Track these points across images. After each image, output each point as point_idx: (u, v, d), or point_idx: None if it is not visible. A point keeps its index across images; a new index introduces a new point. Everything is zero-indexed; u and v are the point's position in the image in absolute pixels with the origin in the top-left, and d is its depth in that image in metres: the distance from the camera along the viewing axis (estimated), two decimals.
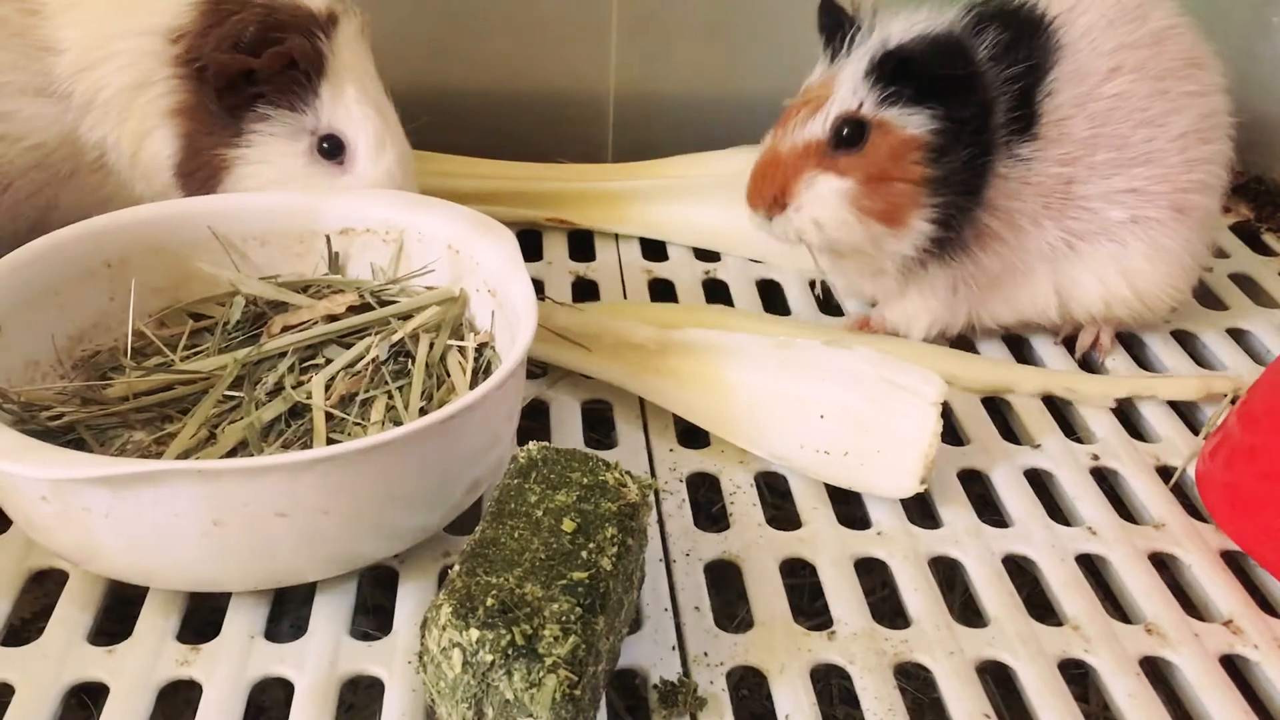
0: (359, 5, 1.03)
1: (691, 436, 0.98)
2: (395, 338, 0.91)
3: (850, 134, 0.97)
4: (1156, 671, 0.81)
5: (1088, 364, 1.11)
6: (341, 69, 0.99)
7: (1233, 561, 0.89)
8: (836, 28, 1.01)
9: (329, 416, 0.85)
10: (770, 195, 1.00)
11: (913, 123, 0.96)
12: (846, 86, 0.98)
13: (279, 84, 0.96)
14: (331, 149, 0.99)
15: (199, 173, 0.98)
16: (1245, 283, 1.26)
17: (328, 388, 0.87)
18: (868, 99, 0.97)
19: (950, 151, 0.97)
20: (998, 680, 0.80)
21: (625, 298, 1.17)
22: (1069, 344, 1.12)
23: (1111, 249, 1.04)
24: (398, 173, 1.02)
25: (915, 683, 0.81)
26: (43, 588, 0.83)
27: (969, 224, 1.00)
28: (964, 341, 1.12)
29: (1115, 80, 1.01)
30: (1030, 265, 1.05)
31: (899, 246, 1.00)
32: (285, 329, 0.93)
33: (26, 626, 0.81)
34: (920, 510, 0.90)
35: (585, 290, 1.19)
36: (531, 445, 0.77)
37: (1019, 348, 1.13)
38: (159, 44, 0.96)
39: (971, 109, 0.97)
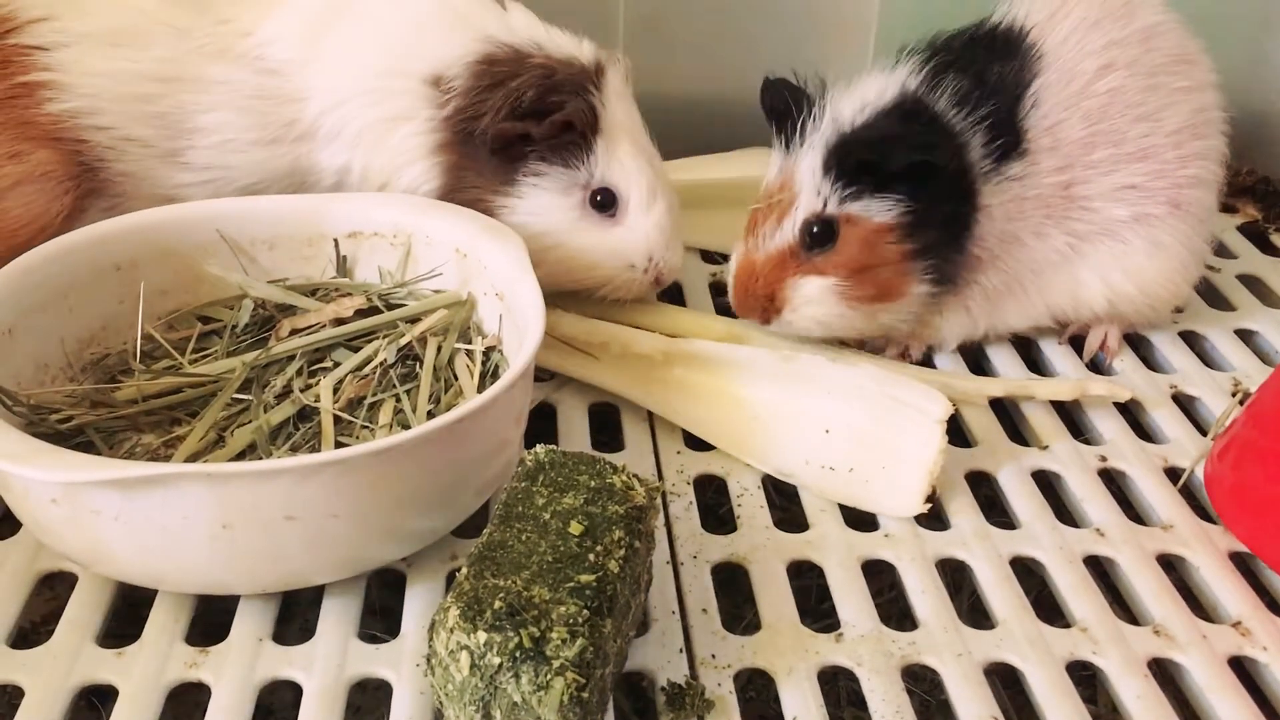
0: None
1: (698, 440, 0.98)
2: (403, 341, 0.91)
3: (820, 234, 0.96)
4: (1165, 673, 0.80)
5: (1095, 366, 1.11)
6: (614, 123, 1.01)
7: (1241, 563, 0.89)
8: (784, 110, 0.99)
9: (337, 420, 0.85)
10: (759, 304, 0.99)
11: (879, 210, 0.95)
12: (807, 187, 0.96)
13: (556, 144, 0.98)
14: (604, 202, 1.01)
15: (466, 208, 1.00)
16: (1253, 283, 1.25)
17: (336, 391, 0.87)
18: (830, 197, 0.96)
19: (927, 221, 0.96)
20: (1006, 682, 0.80)
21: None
22: (1075, 344, 1.12)
23: (1114, 247, 1.04)
24: (667, 223, 1.04)
25: (923, 685, 0.81)
26: (52, 590, 0.84)
27: (965, 264, 1.00)
28: (976, 350, 1.11)
29: (1108, 77, 1.01)
30: (1040, 273, 1.05)
31: (902, 313, 1.01)
32: (293, 332, 0.93)
33: (36, 629, 0.81)
34: (928, 512, 0.90)
35: None
36: (539, 448, 0.77)
37: (1028, 351, 1.13)
38: (417, 85, 0.98)
39: (940, 182, 0.95)
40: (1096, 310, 1.08)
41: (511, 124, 0.96)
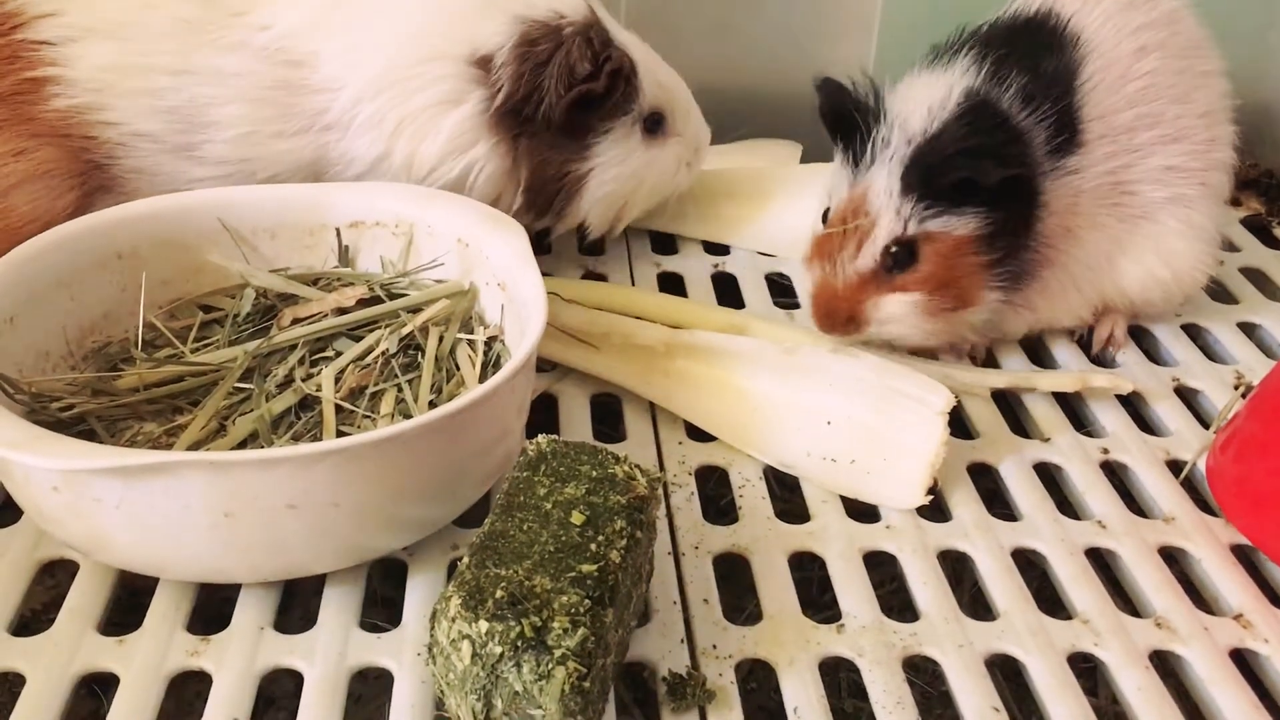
0: None
1: (700, 430, 0.98)
2: (405, 331, 0.91)
3: (900, 255, 0.95)
4: (1166, 665, 0.80)
5: (1101, 360, 1.11)
6: (631, 50, 1.06)
7: (1243, 555, 0.89)
8: (844, 118, 0.97)
9: (339, 409, 0.85)
10: (843, 323, 0.98)
11: (960, 224, 0.94)
12: (886, 209, 0.94)
13: (612, 95, 1.03)
14: (653, 123, 1.07)
15: (549, 188, 1.04)
16: (1256, 276, 1.25)
17: (337, 380, 0.87)
18: (910, 218, 0.93)
19: (1002, 228, 0.95)
20: (1007, 674, 0.80)
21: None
22: (1080, 340, 1.12)
23: (1150, 229, 1.04)
24: (696, 111, 1.13)
25: (924, 676, 0.81)
26: (54, 578, 0.84)
27: (1032, 264, 0.99)
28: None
29: (1145, 59, 1.01)
30: (1093, 266, 1.04)
31: (977, 319, 1.01)
32: (295, 321, 0.93)
33: (37, 617, 0.81)
34: (929, 504, 0.90)
35: None
36: (541, 438, 0.77)
37: (1029, 343, 1.12)
38: (461, 67, 0.99)
39: (1020, 187, 0.94)
40: (1133, 298, 1.07)
41: (570, 91, 0.99)
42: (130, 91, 0.95)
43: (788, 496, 0.94)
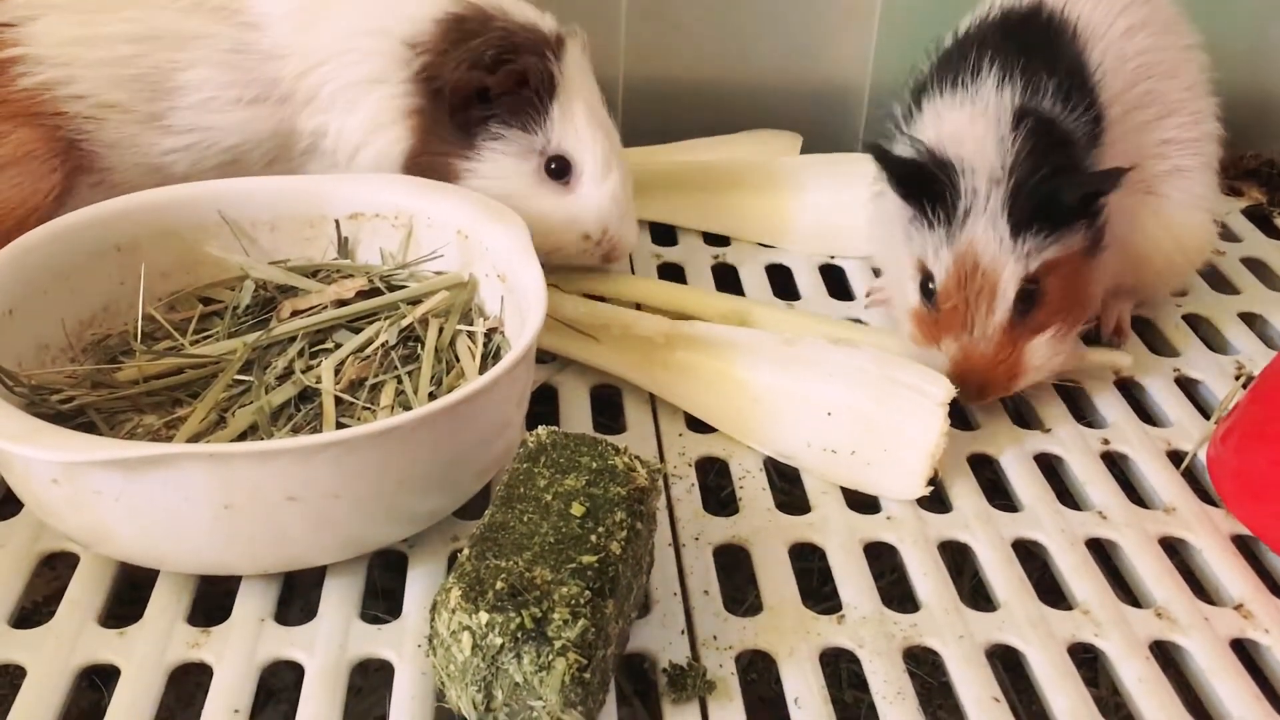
0: None
1: (700, 422, 0.98)
2: (404, 323, 0.91)
3: (1030, 296, 0.92)
4: (1166, 655, 0.80)
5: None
6: (571, 91, 1.02)
7: (1244, 546, 0.89)
8: (917, 183, 0.93)
9: (338, 401, 0.85)
10: (1003, 386, 0.95)
11: (1073, 241, 0.92)
12: (1004, 258, 0.90)
13: (512, 104, 0.99)
14: (559, 169, 1.02)
15: (429, 174, 1.01)
16: (1257, 267, 1.25)
17: (337, 372, 0.87)
18: (1030, 256, 0.90)
19: (1098, 233, 0.94)
20: (1007, 664, 0.80)
21: None
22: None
23: (1153, 203, 1.04)
24: (620, 195, 1.05)
25: (924, 667, 0.81)
26: (54, 570, 0.84)
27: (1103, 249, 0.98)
28: None
29: (1135, 38, 1.01)
30: (1112, 247, 1.02)
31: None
32: (294, 314, 0.93)
33: (38, 609, 0.81)
34: (930, 495, 0.90)
35: None
36: (541, 430, 0.77)
37: None
38: (396, 46, 0.98)
39: (1108, 190, 0.92)
40: (1140, 273, 1.07)
41: (468, 74, 0.96)
42: (94, 62, 0.94)
43: (788, 488, 0.94)
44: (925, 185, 0.92)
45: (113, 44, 0.95)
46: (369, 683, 0.79)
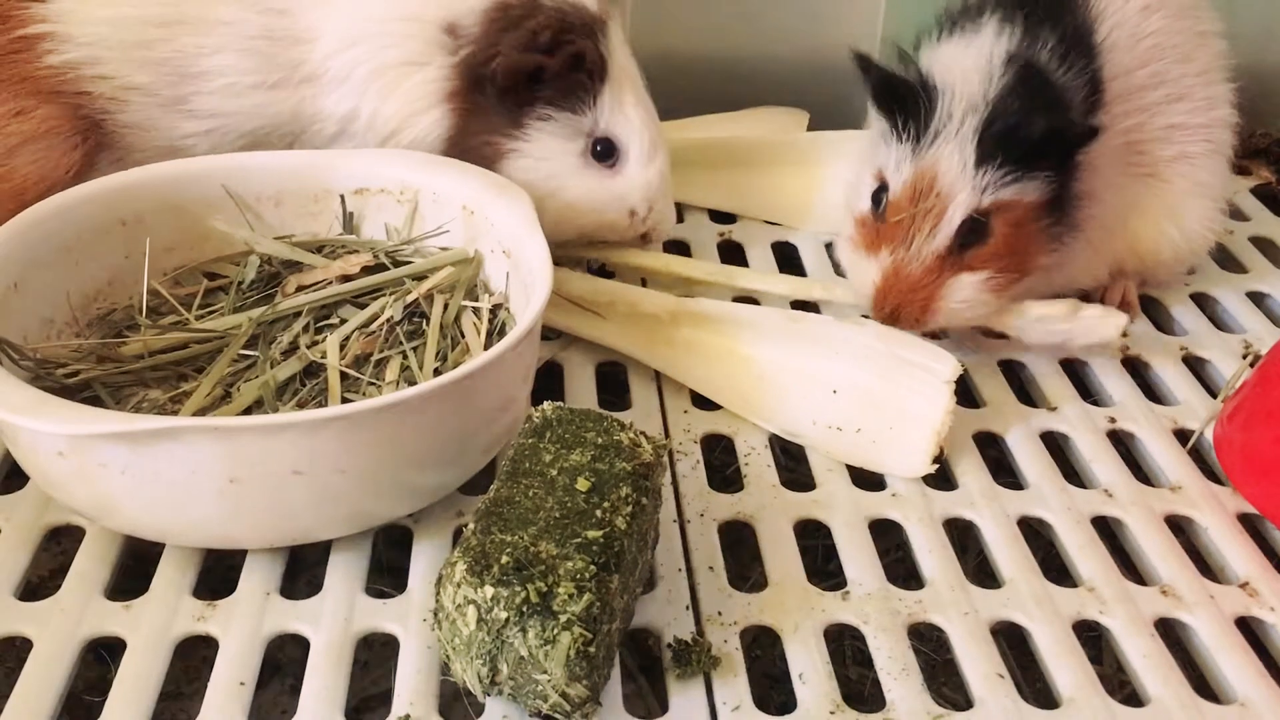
0: None
1: (705, 398, 0.98)
2: (410, 298, 0.91)
3: (974, 231, 0.91)
4: (1171, 633, 0.80)
5: None
6: (619, 72, 1.01)
7: (1249, 524, 0.89)
8: (896, 97, 0.93)
9: (344, 376, 0.85)
10: (918, 313, 0.94)
11: (1032, 190, 0.91)
12: (960, 185, 0.90)
13: (564, 85, 0.98)
14: (604, 151, 1.01)
15: (471, 156, 1.00)
16: (1265, 245, 1.25)
17: (342, 347, 0.87)
18: (986, 189, 0.90)
19: (1065, 193, 0.93)
20: (1011, 641, 0.80)
21: None
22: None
23: (1158, 187, 1.03)
24: (663, 180, 1.04)
25: (929, 643, 0.81)
26: (60, 544, 0.84)
27: (1070, 226, 0.97)
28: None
29: (1152, 18, 1.00)
30: (1109, 228, 1.02)
31: (1028, 285, 0.98)
32: (300, 289, 0.93)
33: (44, 582, 0.82)
34: (935, 472, 0.90)
35: None
36: (546, 405, 0.77)
37: None
38: (433, 31, 0.97)
39: (1073, 147, 0.91)
40: (1144, 258, 1.07)
41: (524, 56, 0.95)
42: (122, 44, 0.94)
43: (793, 465, 0.94)
44: (902, 101, 0.93)
45: (141, 27, 0.94)
46: (374, 656, 0.80)
